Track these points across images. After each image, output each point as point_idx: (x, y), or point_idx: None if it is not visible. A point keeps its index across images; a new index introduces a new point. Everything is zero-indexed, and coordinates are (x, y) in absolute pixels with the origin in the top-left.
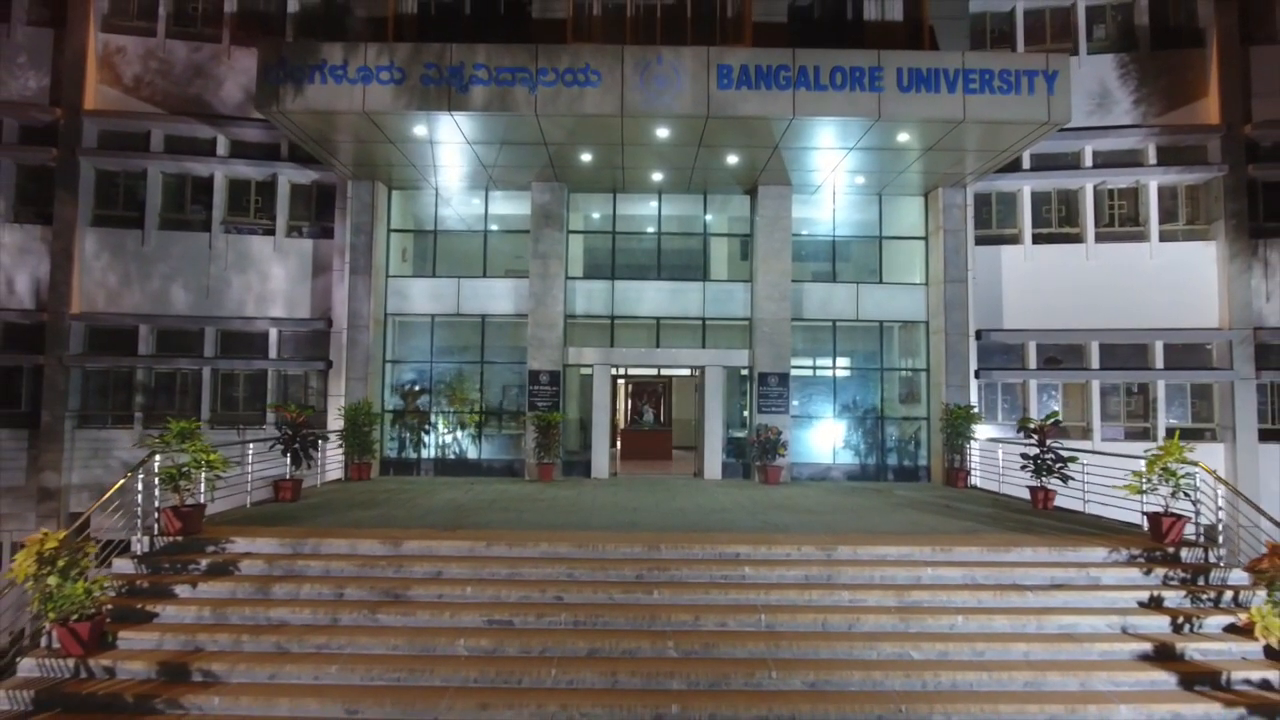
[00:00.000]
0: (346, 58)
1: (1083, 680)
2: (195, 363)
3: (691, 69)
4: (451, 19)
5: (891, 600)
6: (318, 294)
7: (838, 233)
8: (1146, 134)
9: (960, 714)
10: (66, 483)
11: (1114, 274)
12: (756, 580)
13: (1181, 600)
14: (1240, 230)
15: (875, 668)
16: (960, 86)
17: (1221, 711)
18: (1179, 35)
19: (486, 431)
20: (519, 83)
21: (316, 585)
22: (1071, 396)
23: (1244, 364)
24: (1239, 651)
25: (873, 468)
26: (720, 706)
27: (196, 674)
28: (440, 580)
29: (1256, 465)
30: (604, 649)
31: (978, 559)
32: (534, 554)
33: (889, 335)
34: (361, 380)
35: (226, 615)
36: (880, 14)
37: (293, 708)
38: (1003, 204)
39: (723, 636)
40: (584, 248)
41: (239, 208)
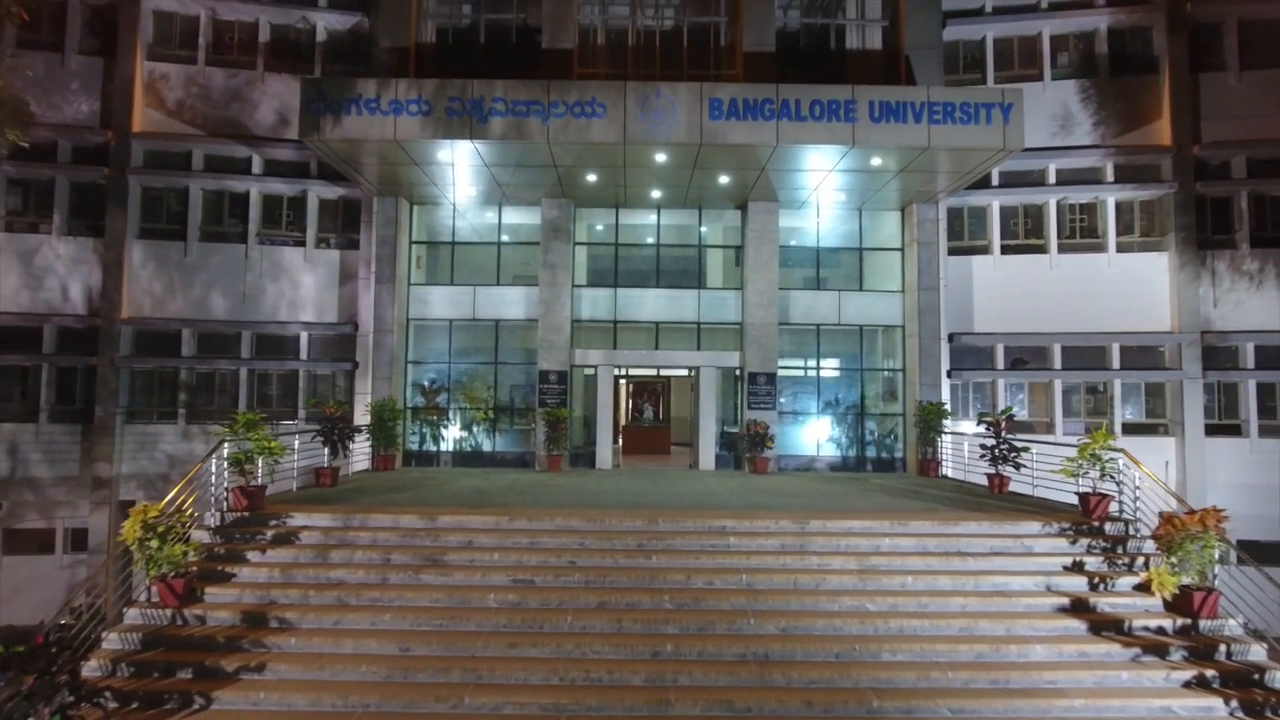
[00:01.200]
0: (379, 92)
1: (1007, 627)
2: (233, 363)
3: (686, 102)
4: (468, 47)
5: (853, 564)
6: (344, 300)
7: (822, 244)
8: (1105, 154)
9: (903, 651)
10: (117, 473)
11: (1075, 282)
12: (740, 548)
13: (1099, 564)
14: (1189, 242)
15: (836, 617)
16: (926, 117)
17: (1120, 650)
18: (1135, 63)
19: (500, 426)
20: (533, 114)
21: (367, 552)
22: (1037, 394)
23: (1192, 365)
24: (1142, 605)
25: (853, 459)
26: (707, 646)
27: (273, 621)
28: (471, 548)
29: (1203, 457)
30: (610, 602)
31: (930, 531)
32: (550, 527)
33: (868, 338)
34: (386, 379)
35: (293, 575)
36: (861, 43)
37: (355, 647)
38: (974, 217)
39: (710, 592)
40: (589, 258)
41: (272, 221)
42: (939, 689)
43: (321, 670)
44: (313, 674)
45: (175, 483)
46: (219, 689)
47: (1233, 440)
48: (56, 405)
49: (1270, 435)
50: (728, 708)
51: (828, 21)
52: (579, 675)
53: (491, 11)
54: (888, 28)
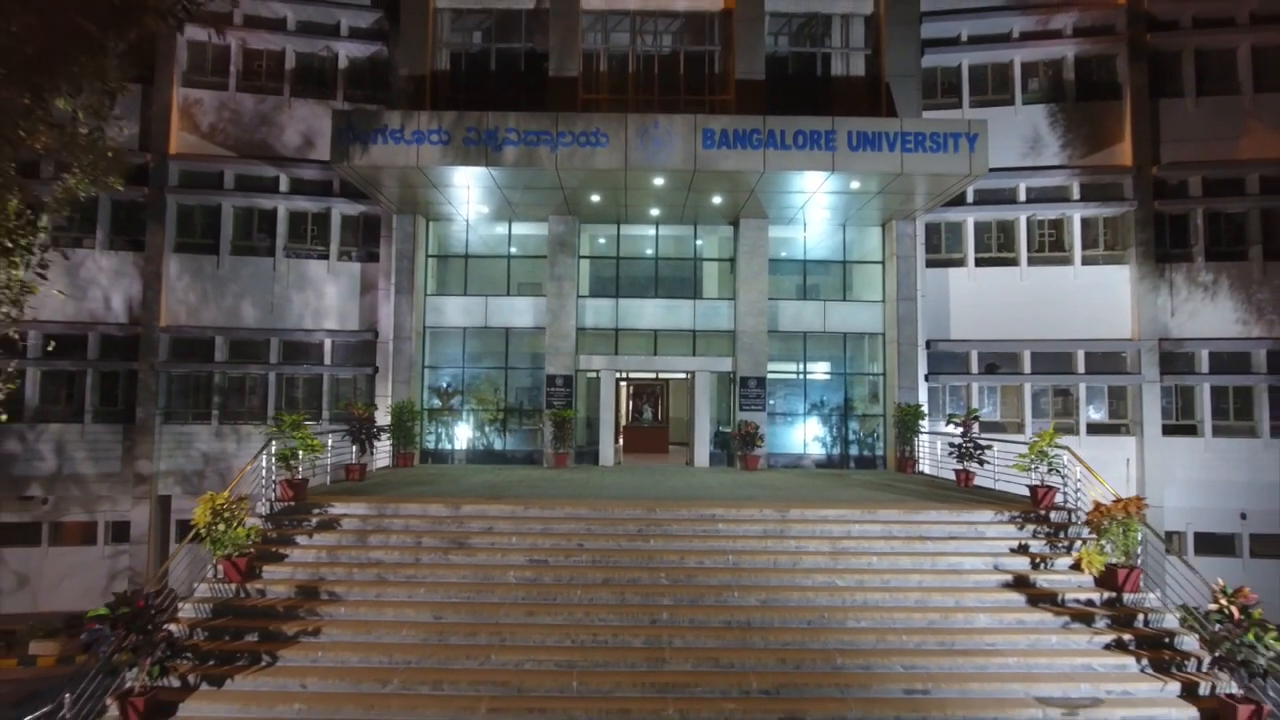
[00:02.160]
0: (403, 123)
1: (957, 599)
2: (262, 368)
3: (682, 132)
4: (480, 74)
5: (826, 547)
6: (365, 309)
7: (808, 257)
8: (1071, 173)
9: (866, 619)
10: (156, 469)
11: (1044, 293)
12: (727, 533)
13: (1042, 547)
14: (1148, 256)
15: (809, 590)
16: (899, 146)
17: (1052, 619)
18: (1099, 89)
19: (509, 426)
20: (542, 143)
21: (400, 536)
22: (1009, 397)
23: (1150, 370)
24: (1075, 582)
25: (837, 457)
26: (697, 614)
27: (323, 594)
28: (492, 533)
29: (1161, 455)
30: (614, 578)
31: (895, 519)
32: (560, 515)
33: (852, 344)
34: (405, 383)
35: (338, 556)
36: (845, 69)
37: (396, 615)
38: (951, 232)
39: (700, 570)
40: (592, 270)
41: (298, 236)
42: (894, 649)
43: (368, 634)
44: (361, 637)
45: (209, 478)
46: (282, 649)
47: (1189, 440)
48: (100, 407)
49: (1223, 435)
50: (714, 664)
51: (814, 50)
52: (587, 639)
53: (501, 41)
54: (870, 55)
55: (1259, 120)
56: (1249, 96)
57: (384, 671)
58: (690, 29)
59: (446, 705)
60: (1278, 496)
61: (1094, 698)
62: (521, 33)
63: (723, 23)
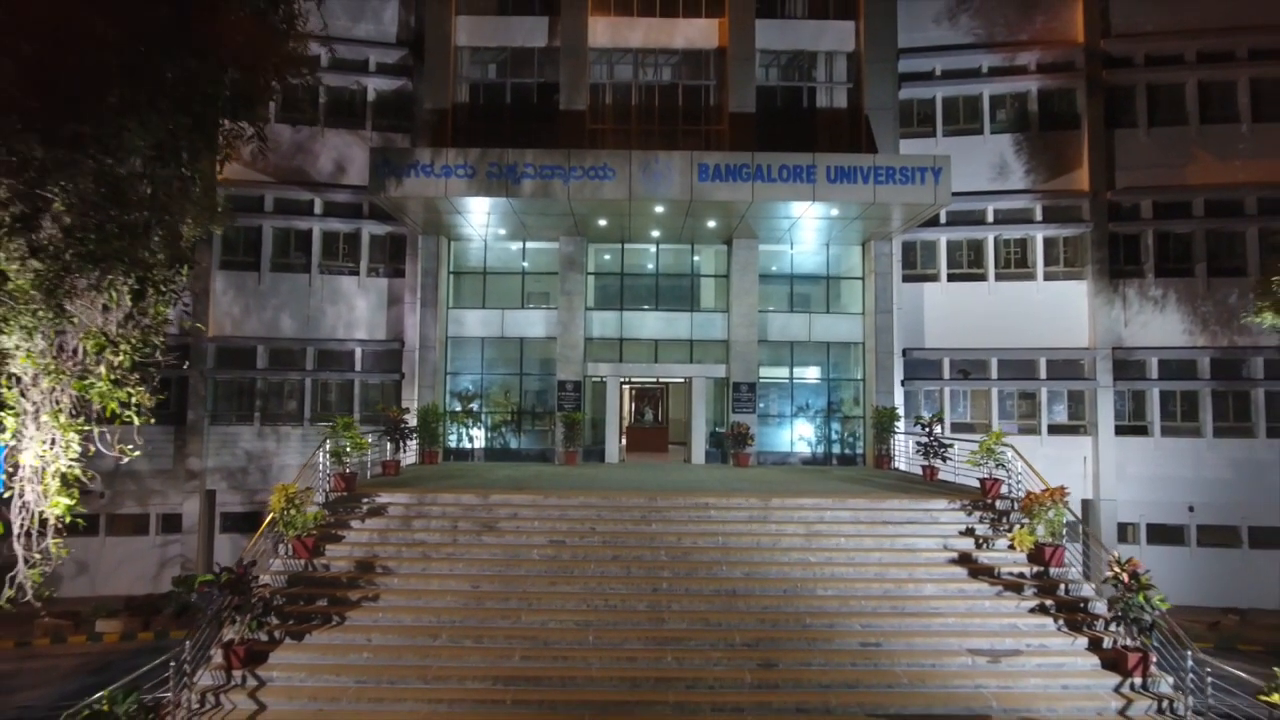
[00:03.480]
0: (433, 159)
1: (909, 572)
2: (299, 374)
3: (679, 167)
4: (497, 106)
5: (801, 530)
6: (392, 321)
7: (795, 273)
8: (1035, 197)
9: (832, 588)
10: (204, 466)
11: (1009, 305)
12: (718, 518)
13: (986, 530)
14: (1104, 273)
15: (785, 565)
16: (872, 179)
17: (988, 588)
18: (1060, 120)
19: (524, 427)
20: (556, 176)
21: (439, 521)
22: (978, 400)
23: (1105, 375)
24: (1011, 558)
25: (821, 455)
26: (691, 584)
27: (378, 568)
28: (517, 518)
29: (1115, 453)
30: (622, 555)
31: (863, 506)
32: (575, 503)
33: (834, 353)
34: (429, 388)
35: (387, 537)
36: (829, 102)
37: (440, 584)
38: (926, 250)
39: (694, 549)
40: (599, 285)
41: (331, 254)
42: (854, 612)
43: (418, 599)
44: (412, 602)
45: (252, 474)
46: (348, 611)
47: (1140, 439)
48: (154, 410)
49: (1171, 435)
50: (705, 623)
51: (800, 84)
52: (600, 603)
53: (516, 76)
54: (852, 89)
55: (1204, 149)
56: (1195, 127)
57: (433, 629)
58: (688, 65)
59: (486, 654)
60: (1222, 491)
61: (1015, 650)
62: (534, 68)
63: (717, 59)
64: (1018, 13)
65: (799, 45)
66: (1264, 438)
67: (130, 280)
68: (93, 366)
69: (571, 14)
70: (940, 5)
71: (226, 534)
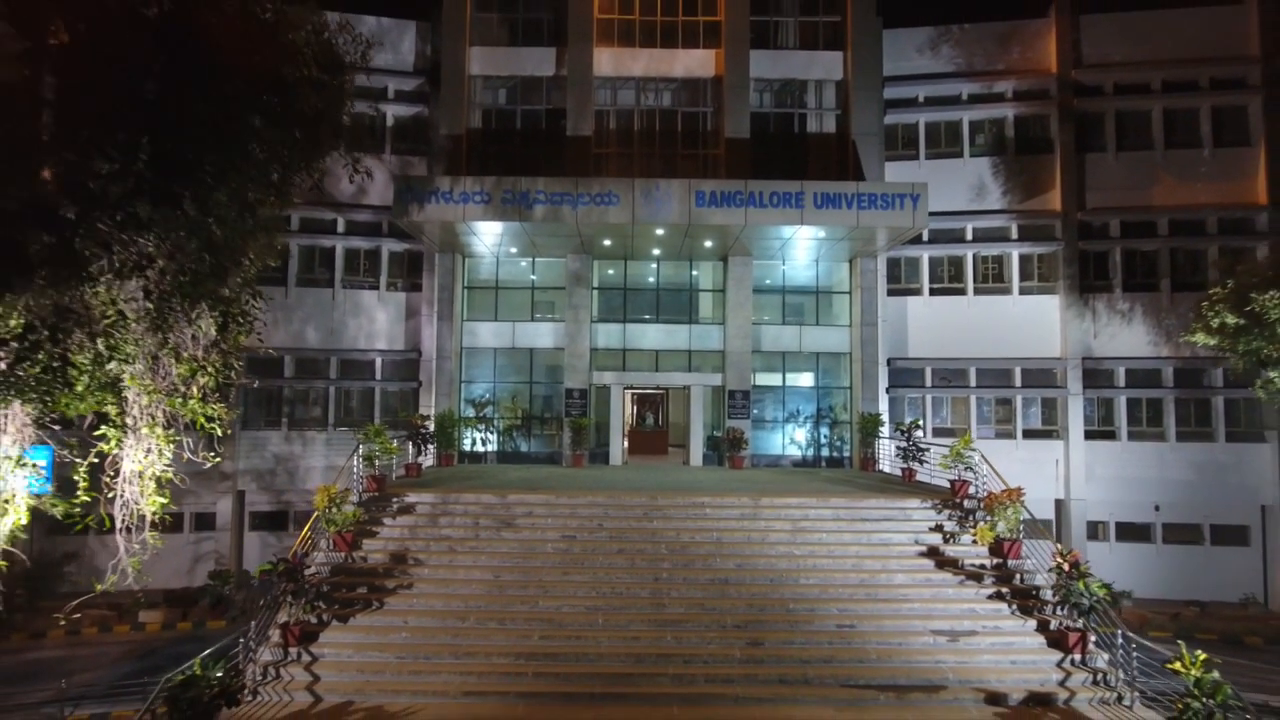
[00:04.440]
0: (452, 186)
1: (883, 564)
2: (323, 383)
3: (678, 193)
4: (508, 131)
5: (788, 526)
6: (410, 333)
7: (787, 288)
8: (1011, 217)
9: (814, 578)
10: (235, 469)
11: (987, 318)
12: (713, 516)
13: (953, 526)
14: (1074, 288)
15: (773, 558)
16: (855, 204)
17: (952, 577)
18: (1035, 144)
19: (533, 431)
20: (565, 202)
21: (462, 518)
22: (958, 406)
23: (1076, 383)
24: (974, 552)
25: (811, 458)
26: (689, 574)
27: (410, 560)
28: (532, 515)
29: (1085, 456)
30: (627, 548)
31: (844, 505)
32: (583, 502)
33: (823, 362)
34: (446, 395)
35: (417, 533)
36: (819, 127)
37: (465, 574)
38: (909, 266)
39: (691, 544)
40: (603, 299)
41: (353, 270)
42: (832, 598)
43: (446, 587)
44: (441, 590)
45: (280, 476)
46: (385, 597)
47: (1108, 443)
48: None
49: (1138, 439)
50: (701, 608)
51: (792, 110)
52: (607, 590)
53: (526, 103)
54: (840, 115)
55: (1169, 172)
56: (1160, 152)
57: (461, 612)
58: (687, 92)
59: (509, 634)
60: (1185, 491)
61: (972, 631)
62: (543, 95)
63: (714, 87)
64: (996, 44)
65: (790, 74)
66: (1223, 442)
67: (215, 314)
68: (183, 387)
69: (578, 45)
70: (923, 36)
71: (255, 532)
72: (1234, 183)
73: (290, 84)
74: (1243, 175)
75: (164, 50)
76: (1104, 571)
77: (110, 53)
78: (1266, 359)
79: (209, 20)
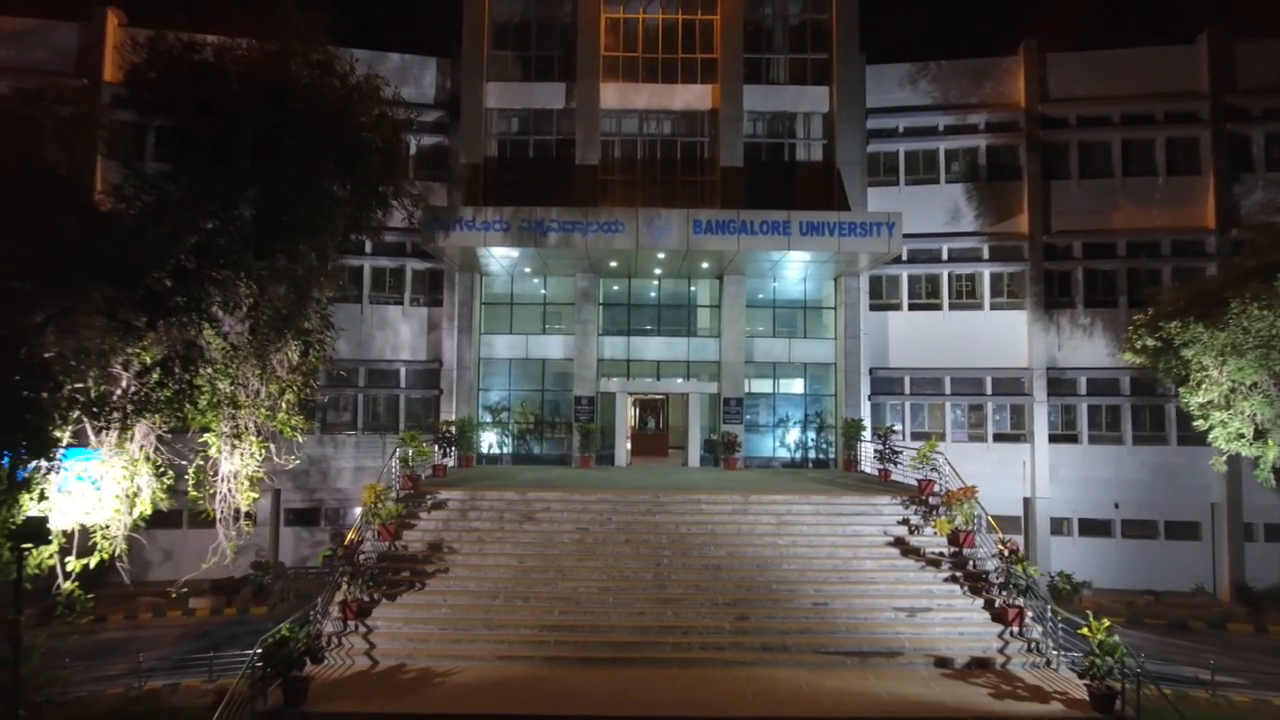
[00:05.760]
0: (475, 215)
1: (854, 552)
2: (352, 390)
3: (678, 222)
4: (521, 159)
5: (773, 519)
6: (432, 345)
7: (777, 303)
8: (983, 239)
9: (794, 563)
10: (272, 469)
11: (961, 331)
12: (708, 511)
13: (919, 520)
14: (1040, 304)
15: (760, 546)
16: (837, 232)
17: (914, 564)
18: (1005, 172)
19: (545, 435)
20: (575, 230)
21: (488, 513)
22: (934, 412)
23: (1041, 391)
24: (936, 542)
25: (799, 459)
26: (686, 560)
27: (445, 548)
28: (550, 510)
29: (1050, 458)
30: (633, 539)
31: (823, 502)
32: (594, 499)
33: (811, 372)
34: (465, 402)
35: (449, 525)
36: (807, 156)
37: (494, 560)
38: (890, 283)
39: (689, 535)
40: (609, 314)
41: (379, 287)
42: (809, 580)
43: (477, 571)
44: (473, 574)
45: (313, 476)
46: (426, 579)
47: (1071, 446)
48: None
49: (1098, 443)
50: (696, 589)
51: (782, 140)
52: (616, 574)
53: (538, 133)
54: (826, 145)
55: (1127, 199)
56: (1119, 180)
57: (492, 592)
58: (685, 123)
59: (534, 610)
60: (1142, 490)
61: (928, 608)
62: (554, 126)
63: (710, 119)
64: (969, 79)
65: (781, 107)
66: (1175, 445)
67: (298, 343)
68: (269, 402)
69: (586, 81)
70: (903, 72)
71: (290, 527)
72: (1186, 208)
73: (358, 153)
74: (1194, 201)
75: (260, 131)
76: (1067, 564)
77: (221, 139)
78: (1179, 378)
79: (297, 107)
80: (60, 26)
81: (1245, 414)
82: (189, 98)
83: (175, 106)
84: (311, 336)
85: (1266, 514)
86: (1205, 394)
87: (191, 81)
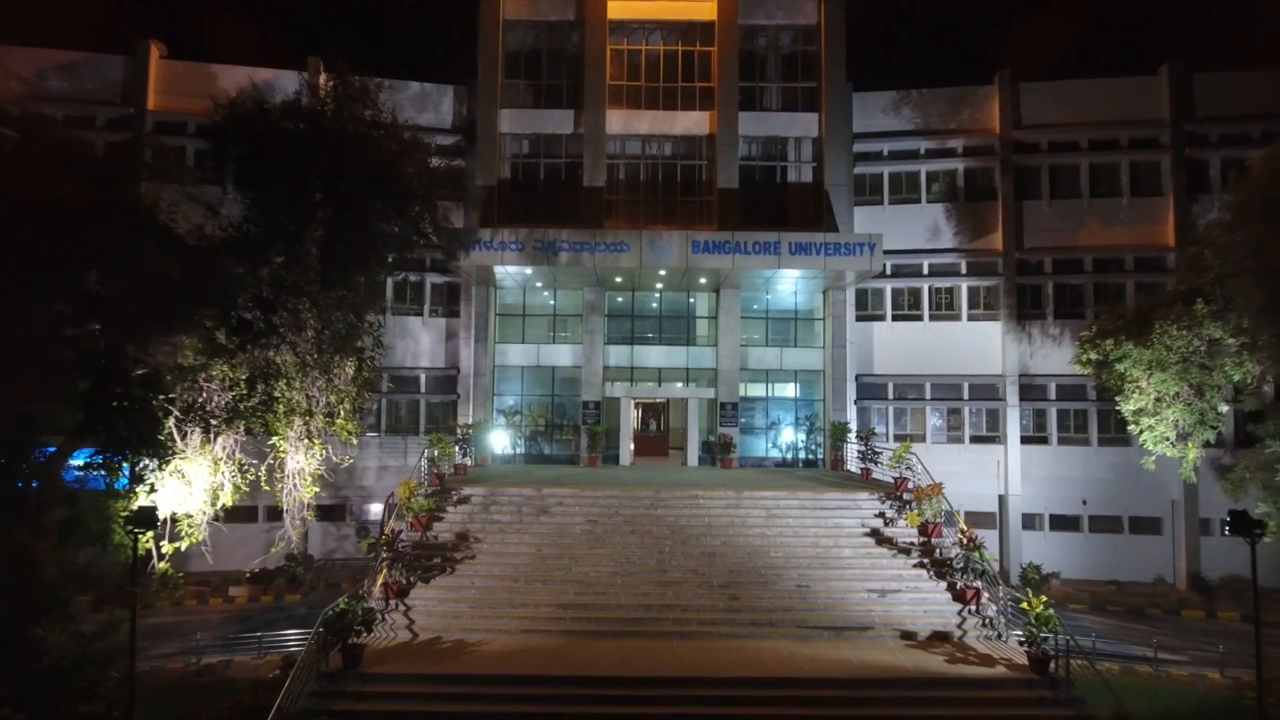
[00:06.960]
0: (492, 236)
1: (835, 541)
2: (376, 395)
3: (678, 242)
4: (532, 180)
5: (763, 513)
6: (450, 353)
7: (770, 314)
8: (960, 254)
9: (781, 551)
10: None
11: (940, 340)
12: (705, 506)
13: (893, 513)
14: (1013, 315)
15: (751, 536)
16: (823, 251)
17: (887, 552)
18: (981, 192)
19: (554, 437)
20: (584, 250)
21: (507, 506)
22: (916, 416)
23: (1014, 396)
24: (907, 533)
25: (790, 460)
26: (685, 548)
27: (471, 539)
28: (562, 505)
29: (1022, 458)
30: (637, 530)
31: (809, 497)
32: (603, 494)
33: (801, 378)
34: (481, 407)
35: (474, 518)
36: (798, 177)
37: (514, 549)
38: (875, 296)
39: (687, 526)
40: (614, 324)
41: (401, 299)
42: (794, 566)
43: (501, 558)
44: (497, 560)
45: (339, 475)
46: (456, 565)
47: (1041, 447)
48: None
49: (1066, 444)
50: (694, 573)
51: (774, 163)
52: (623, 560)
53: (548, 156)
54: (815, 167)
55: (1093, 218)
56: (1086, 200)
57: (514, 576)
58: (685, 147)
59: (551, 590)
60: (1107, 489)
61: (898, 589)
62: (562, 149)
63: (708, 143)
64: (949, 106)
65: (773, 132)
66: (1137, 446)
67: (351, 359)
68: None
69: (593, 108)
70: (887, 99)
71: (318, 522)
72: (1148, 227)
73: (405, 198)
74: (1156, 221)
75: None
76: (1038, 556)
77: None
78: (1116, 387)
79: (353, 161)
80: (108, 59)
81: (1169, 420)
82: (269, 153)
83: (255, 162)
84: (365, 353)
85: (1223, 509)
86: (1136, 402)
87: (270, 140)
